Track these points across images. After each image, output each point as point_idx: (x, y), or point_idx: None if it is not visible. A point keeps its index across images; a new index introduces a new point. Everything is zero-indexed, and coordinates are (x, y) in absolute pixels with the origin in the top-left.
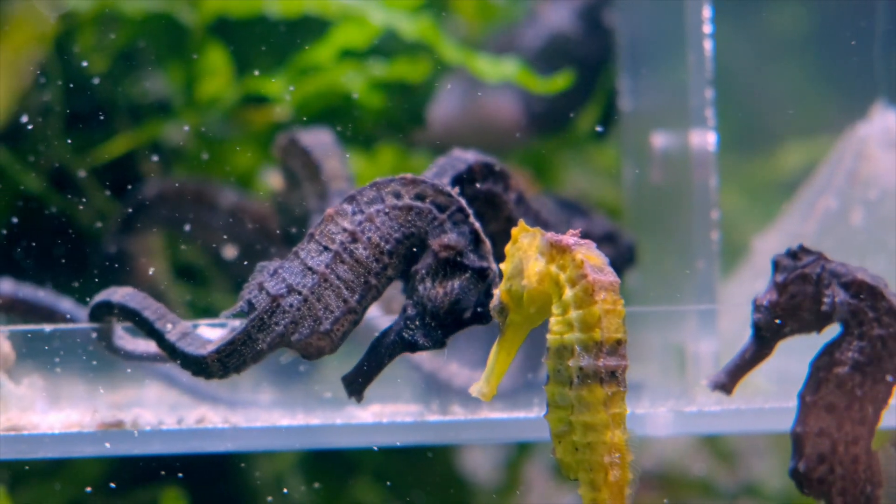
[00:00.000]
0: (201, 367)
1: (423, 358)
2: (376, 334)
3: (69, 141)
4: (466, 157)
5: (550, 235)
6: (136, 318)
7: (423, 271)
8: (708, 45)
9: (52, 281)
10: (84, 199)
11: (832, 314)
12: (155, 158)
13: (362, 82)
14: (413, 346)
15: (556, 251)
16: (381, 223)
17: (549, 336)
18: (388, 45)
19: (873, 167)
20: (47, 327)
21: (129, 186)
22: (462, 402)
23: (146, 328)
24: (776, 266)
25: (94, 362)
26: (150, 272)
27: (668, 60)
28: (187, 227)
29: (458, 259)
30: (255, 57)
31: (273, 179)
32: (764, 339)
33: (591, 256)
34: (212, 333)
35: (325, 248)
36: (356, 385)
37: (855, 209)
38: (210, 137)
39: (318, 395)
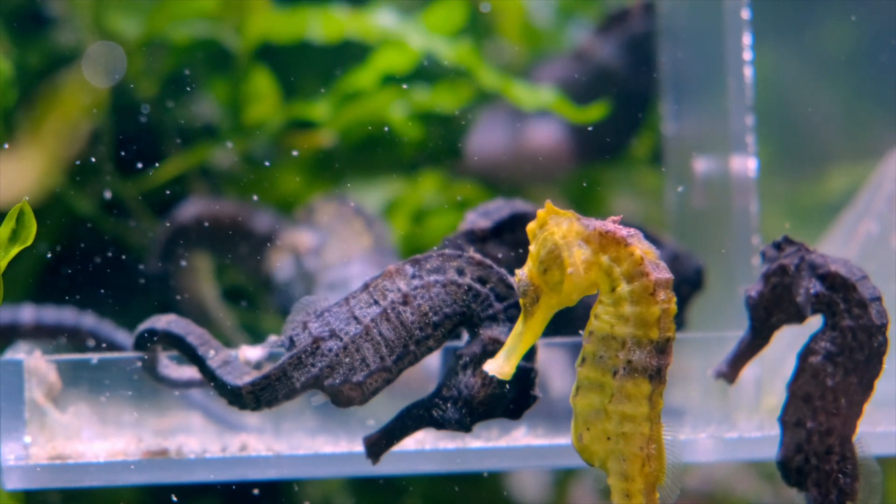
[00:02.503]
0: (236, 397)
1: None
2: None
3: (118, 166)
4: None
5: (601, 225)
6: (179, 343)
7: (468, 358)
8: (748, 71)
9: (101, 305)
10: (134, 224)
11: (808, 305)
12: (203, 182)
13: (403, 110)
14: (440, 426)
15: (607, 241)
16: (435, 294)
17: (595, 323)
18: (430, 72)
19: None
20: (94, 357)
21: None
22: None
23: (189, 353)
24: (763, 257)
25: (140, 390)
26: (197, 294)
27: (709, 86)
28: (224, 250)
29: None
30: (299, 82)
31: (305, 238)
32: (757, 330)
33: (648, 251)
34: (253, 354)
35: (376, 302)
36: (377, 448)
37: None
38: (256, 161)
39: (363, 422)
